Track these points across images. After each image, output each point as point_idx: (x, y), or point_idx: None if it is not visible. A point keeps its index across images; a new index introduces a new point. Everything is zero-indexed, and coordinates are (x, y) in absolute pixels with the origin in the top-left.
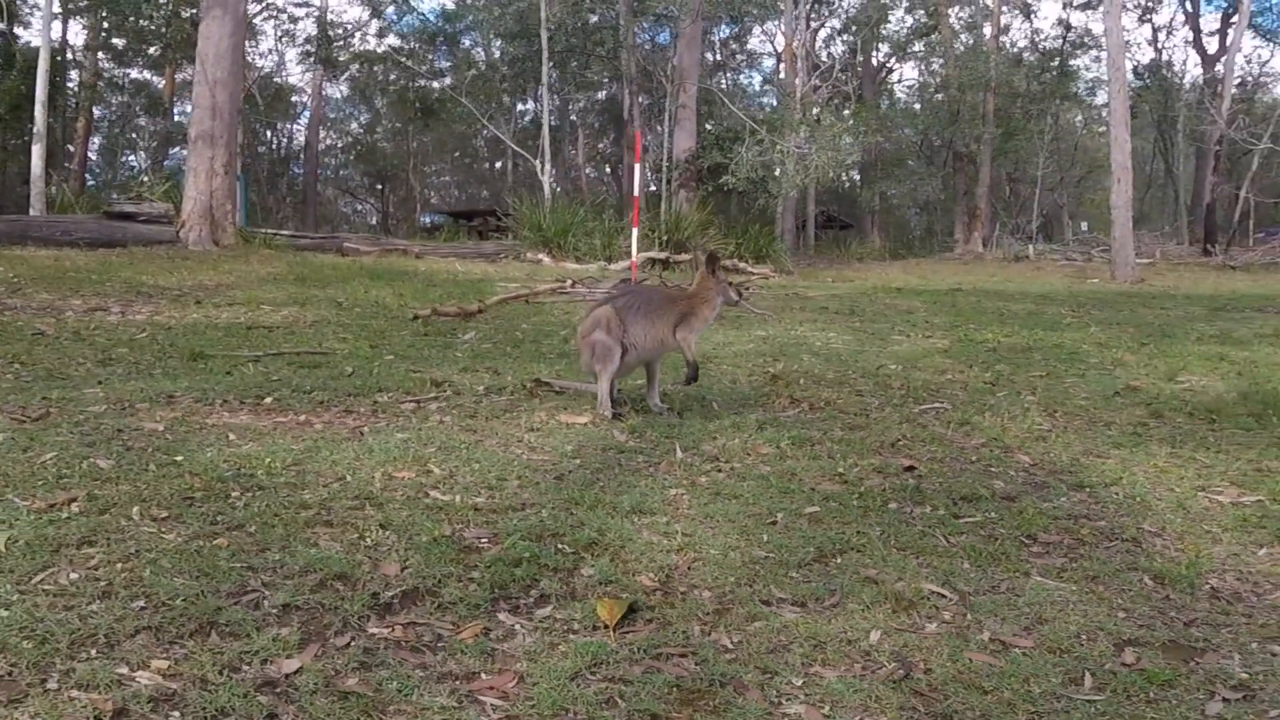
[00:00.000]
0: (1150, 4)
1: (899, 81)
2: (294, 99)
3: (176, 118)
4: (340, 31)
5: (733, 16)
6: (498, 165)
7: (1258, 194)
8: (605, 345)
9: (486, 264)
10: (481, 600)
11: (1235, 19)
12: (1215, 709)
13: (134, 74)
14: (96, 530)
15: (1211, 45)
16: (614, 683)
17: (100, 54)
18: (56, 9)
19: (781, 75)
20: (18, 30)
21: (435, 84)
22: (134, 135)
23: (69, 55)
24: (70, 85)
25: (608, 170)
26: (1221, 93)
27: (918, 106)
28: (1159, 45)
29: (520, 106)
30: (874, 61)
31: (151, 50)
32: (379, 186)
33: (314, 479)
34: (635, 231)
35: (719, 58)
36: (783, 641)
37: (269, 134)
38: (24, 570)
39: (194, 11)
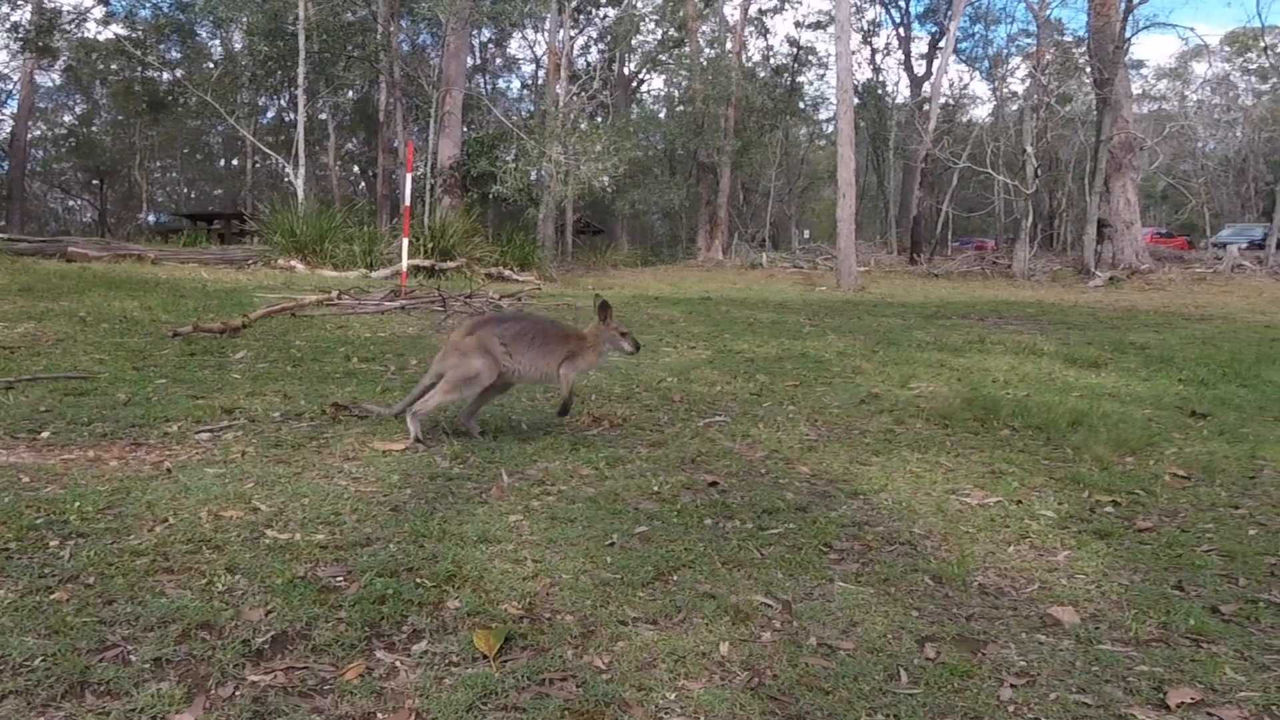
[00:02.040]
0: (871, 27)
1: (648, 92)
2: None
3: None
4: (61, 17)
5: (499, 25)
6: (235, 163)
7: (956, 208)
8: (479, 374)
9: (235, 271)
10: (355, 640)
11: (942, 44)
12: (1008, 694)
13: None
14: None
15: (921, 68)
16: (508, 711)
17: None
18: None
19: (542, 82)
20: None
21: (166, 76)
22: None
23: None
24: None
25: (356, 170)
26: (928, 113)
27: (664, 115)
28: (876, 65)
29: (262, 101)
30: (626, 71)
31: None
32: (96, 182)
33: (136, 523)
34: (406, 241)
35: (479, 60)
36: (648, 659)
37: None
38: None
39: None
